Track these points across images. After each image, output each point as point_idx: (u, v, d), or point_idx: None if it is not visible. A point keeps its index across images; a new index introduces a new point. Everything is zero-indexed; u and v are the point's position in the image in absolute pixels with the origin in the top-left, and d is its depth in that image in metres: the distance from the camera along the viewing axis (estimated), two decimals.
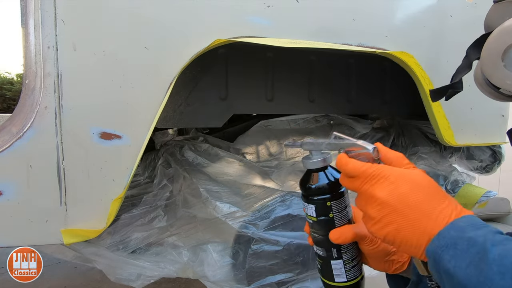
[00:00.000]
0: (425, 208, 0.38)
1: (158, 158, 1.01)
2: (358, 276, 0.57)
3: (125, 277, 0.80)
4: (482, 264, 0.32)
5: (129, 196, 0.93)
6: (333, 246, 0.55)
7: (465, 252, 0.34)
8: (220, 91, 0.93)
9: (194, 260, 0.86)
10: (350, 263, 0.56)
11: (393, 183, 0.40)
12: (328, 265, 0.56)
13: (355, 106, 1.09)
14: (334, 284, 0.57)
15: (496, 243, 0.33)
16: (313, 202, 0.54)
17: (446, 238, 0.36)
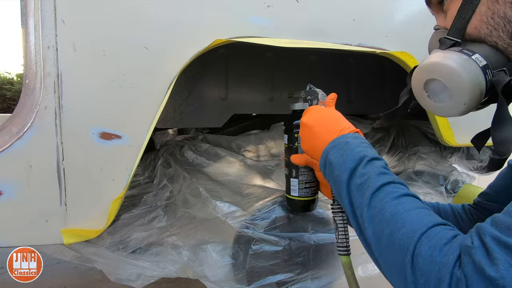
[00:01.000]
0: (330, 126, 0.58)
1: (158, 158, 1.01)
2: (308, 196, 0.78)
3: (125, 277, 0.80)
4: (346, 154, 0.51)
5: (129, 196, 0.93)
6: (293, 167, 0.77)
7: (340, 149, 0.53)
8: (220, 91, 0.93)
9: (194, 260, 0.86)
10: (303, 184, 0.77)
11: (312, 112, 0.62)
12: (288, 182, 0.79)
13: (355, 106, 1.09)
14: (290, 196, 0.80)
15: (359, 145, 0.52)
16: (288, 133, 0.78)
17: (335, 142, 0.54)
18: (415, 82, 0.51)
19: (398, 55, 0.78)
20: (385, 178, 0.46)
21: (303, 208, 0.81)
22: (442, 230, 0.38)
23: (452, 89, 0.45)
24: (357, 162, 0.49)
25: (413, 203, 0.43)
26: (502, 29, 0.43)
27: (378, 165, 0.49)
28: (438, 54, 0.47)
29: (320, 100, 0.69)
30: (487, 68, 0.44)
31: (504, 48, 0.44)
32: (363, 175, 0.48)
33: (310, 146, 0.61)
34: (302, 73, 1.02)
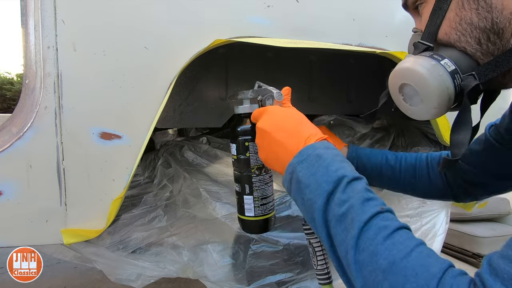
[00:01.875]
0: (292, 132, 0.49)
1: (158, 158, 1.01)
2: (265, 214, 0.64)
3: (125, 277, 0.80)
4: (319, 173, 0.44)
5: (129, 196, 0.93)
6: (246, 183, 0.63)
7: (312, 165, 0.45)
8: (220, 91, 0.93)
9: (194, 260, 0.86)
10: (259, 201, 0.63)
11: (270, 114, 0.53)
12: (241, 200, 0.65)
13: (355, 106, 1.09)
14: (244, 217, 0.65)
15: (334, 161, 0.44)
16: (236, 142, 0.64)
17: (303, 155, 0.46)
18: (391, 86, 0.52)
19: (398, 55, 0.78)
20: (371, 207, 0.39)
21: (261, 229, 0.67)
22: (455, 282, 0.32)
23: (422, 94, 0.46)
24: (334, 184, 0.42)
25: (408, 240, 0.37)
26: (469, 35, 0.44)
27: (360, 187, 0.42)
28: (410, 59, 0.48)
29: (276, 100, 0.58)
30: (456, 72, 0.44)
31: (472, 53, 0.45)
32: (344, 203, 0.40)
33: (270, 156, 0.52)
34: (302, 73, 1.02)
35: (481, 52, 0.44)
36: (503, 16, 0.41)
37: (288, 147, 0.48)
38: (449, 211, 1.07)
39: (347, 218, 0.39)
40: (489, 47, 0.43)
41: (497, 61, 0.43)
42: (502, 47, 0.42)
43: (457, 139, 0.47)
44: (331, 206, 0.41)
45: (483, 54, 0.44)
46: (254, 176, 0.64)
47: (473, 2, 0.43)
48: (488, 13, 0.42)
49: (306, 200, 0.44)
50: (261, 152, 0.54)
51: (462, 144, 0.46)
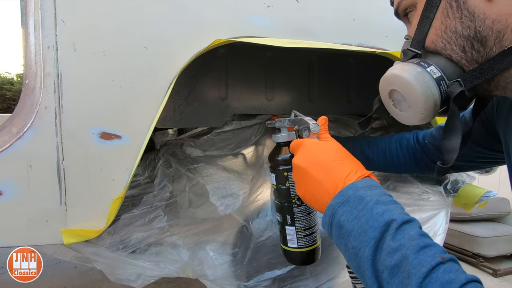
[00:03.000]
0: (330, 168, 0.47)
1: (158, 158, 1.00)
2: (309, 245, 0.62)
3: (125, 277, 0.80)
4: (363, 217, 0.40)
5: (129, 196, 0.92)
6: (287, 213, 0.62)
7: (354, 208, 0.41)
8: (220, 91, 0.93)
9: (193, 258, 0.86)
10: (302, 231, 0.61)
11: (306, 149, 0.51)
12: (283, 230, 0.63)
13: (355, 106, 1.09)
14: (287, 248, 0.64)
15: (379, 203, 0.41)
16: (275, 171, 0.63)
17: (344, 196, 0.43)
18: (382, 91, 0.54)
19: (398, 55, 0.78)
20: (428, 256, 0.34)
21: (305, 261, 0.64)
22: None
23: (409, 100, 0.47)
24: (382, 230, 0.38)
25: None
26: (454, 43, 0.45)
27: (413, 233, 0.37)
28: (398, 65, 0.49)
29: (312, 132, 0.55)
30: (442, 79, 0.46)
31: (458, 61, 0.46)
32: (395, 251, 0.36)
33: (308, 194, 0.49)
34: (302, 73, 1.02)
35: (466, 59, 0.45)
36: (485, 25, 0.42)
37: (326, 186, 0.46)
38: (449, 211, 1.07)
39: (401, 270, 0.35)
40: (473, 55, 0.44)
41: (481, 68, 0.44)
42: (486, 55, 0.43)
43: (449, 144, 0.48)
44: (381, 256, 0.37)
45: (468, 62, 0.45)
46: (295, 207, 0.61)
47: (457, 11, 0.44)
48: (471, 22, 0.43)
49: (351, 248, 0.40)
50: (299, 188, 0.51)
51: (453, 150, 0.47)
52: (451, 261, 0.35)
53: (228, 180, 0.95)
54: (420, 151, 0.79)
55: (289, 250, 0.64)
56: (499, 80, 0.45)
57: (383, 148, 0.84)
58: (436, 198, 1.02)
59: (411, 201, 1.02)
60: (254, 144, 1.03)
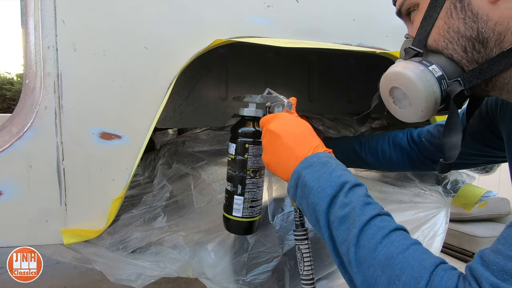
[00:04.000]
0: (302, 140, 0.53)
1: (158, 158, 1.01)
2: (252, 216, 0.68)
3: (125, 277, 0.80)
4: (323, 178, 0.47)
5: (129, 196, 0.93)
6: (240, 183, 0.66)
7: (317, 171, 0.49)
8: (220, 91, 0.93)
9: (193, 257, 0.86)
10: (249, 203, 0.66)
11: (282, 120, 0.56)
12: (231, 199, 0.67)
13: (355, 106, 1.09)
14: (230, 217, 0.68)
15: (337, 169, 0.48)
16: (235, 142, 0.66)
17: (308, 162, 0.50)
18: (382, 89, 0.55)
19: (398, 55, 0.78)
20: (371, 209, 0.43)
21: (246, 231, 0.69)
22: (445, 274, 0.35)
23: (410, 97, 0.48)
24: (337, 189, 0.46)
25: (406, 239, 0.40)
26: (456, 43, 0.46)
27: (361, 193, 0.45)
28: (400, 63, 0.50)
29: (286, 108, 0.61)
30: (443, 78, 0.47)
31: (459, 60, 0.47)
32: (346, 205, 0.44)
33: (275, 160, 0.55)
34: (302, 73, 1.02)
35: (467, 59, 0.46)
36: (487, 26, 0.43)
37: (297, 153, 0.52)
38: (449, 211, 1.07)
39: (349, 219, 0.43)
40: (474, 55, 0.45)
41: (481, 68, 0.45)
42: (486, 56, 0.44)
43: (450, 142, 0.49)
44: (334, 209, 0.45)
45: (468, 62, 0.46)
46: (248, 178, 0.66)
47: (461, 12, 0.44)
48: (474, 23, 0.43)
49: (311, 204, 0.48)
50: (266, 154, 0.57)
51: (455, 147, 0.48)
52: (386, 215, 0.44)
53: None
54: (415, 149, 0.80)
55: (232, 218, 0.68)
56: (497, 81, 0.45)
57: (375, 147, 0.85)
58: (436, 198, 1.02)
59: (408, 198, 1.02)
60: None
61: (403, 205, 1.00)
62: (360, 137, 0.92)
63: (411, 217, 0.98)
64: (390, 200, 1.00)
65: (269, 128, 0.56)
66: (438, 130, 0.75)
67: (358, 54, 0.97)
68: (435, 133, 0.75)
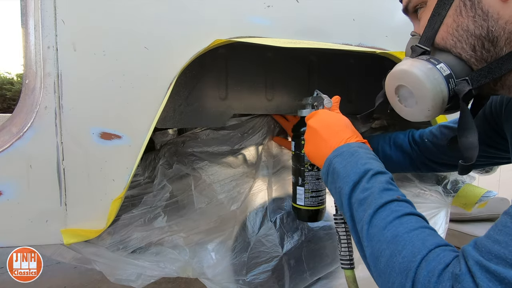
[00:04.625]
0: (337, 132, 0.58)
1: (158, 158, 1.00)
2: (314, 205, 0.76)
3: (125, 277, 0.80)
4: (349, 165, 0.52)
5: (129, 196, 0.92)
6: (300, 175, 0.76)
7: (345, 159, 0.53)
8: (220, 91, 0.93)
9: (193, 257, 0.86)
10: (309, 193, 0.75)
11: (320, 116, 0.63)
12: (295, 190, 0.78)
13: (355, 106, 1.09)
14: (296, 205, 0.78)
15: (364, 157, 0.52)
16: (295, 139, 0.76)
17: (339, 151, 0.55)
18: (388, 87, 0.54)
19: (398, 55, 0.78)
20: (389, 195, 0.46)
21: (309, 218, 0.78)
22: (443, 252, 0.38)
23: (417, 96, 0.48)
24: (360, 175, 0.50)
25: (417, 222, 0.42)
26: (465, 41, 0.45)
27: (382, 180, 0.49)
28: (407, 61, 0.49)
29: (326, 106, 0.68)
30: (450, 77, 0.46)
31: (467, 59, 0.46)
32: (366, 190, 0.48)
33: (313, 150, 0.61)
34: (302, 73, 1.02)
35: (475, 58, 0.45)
36: (498, 25, 0.42)
37: (330, 143, 0.57)
38: (449, 211, 1.07)
39: (366, 201, 0.47)
40: (483, 54, 0.44)
41: (489, 67, 0.44)
42: (495, 55, 0.43)
43: (467, 142, 0.48)
44: (356, 193, 0.49)
45: (477, 61, 0.45)
46: (307, 171, 0.75)
47: (471, 10, 0.44)
48: (484, 21, 0.43)
49: (337, 188, 0.52)
50: (307, 146, 0.63)
51: (473, 147, 0.48)
52: (405, 201, 0.46)
53: (233, 176, 0.96)
54: (416, 150, 0.79)
55: (297, 207, 0.78)
56: (506, 80, 0.45)
57: (376, 147, 0.85)
58: (436, 198, 1.02)
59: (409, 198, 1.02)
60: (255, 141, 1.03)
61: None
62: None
63: None
64: None
65: (309, 123, 0.63)
66: (441, 131, 0.75)
67: (358, 54, 0.97)
68: (438, 134, 0.74)
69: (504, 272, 0.32)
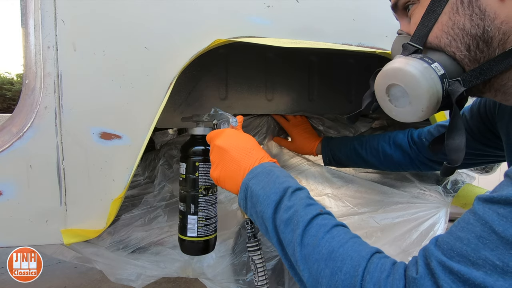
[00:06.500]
0: (249, 153, 0.55)
1: (158, 158, 1.01)
2: (207, 235, 0.68)
3: (125, 277, 0.80)
4: (268, 186, 0.50)
5: (129, 196, 0.93)
6: (192, 202, 0.67)
7: (262, 180, 0.51)
8: (220, 91, 0.93)
9: (192, 257, 0.86)
10: (203, 221, 0.67)
11: (229, 135, 0.59)
12: (185, 219, 0.67)
13: (355, 106, 1.09)
14: (186, 238, 0.68)
15: (280, 176, 0.51)
16: (186, 161, 0.68)
17: (254, 172, 0.52)
18: (378, 86, 0.51)
19: None
20: (312, 210, 0.45)
21: (202, 251, 0.69)
22: (379, 260, 0.38)
23: (412, 96, 0.46)
24: (281, 194, 0.48)
25: (346, 234, 0.43)
26: (460, 41, 0.43)
27: (302, 195, 0.48)
28: (400, 60, 0.47)
29: (232, 125, 0.64)
30: (445, 77, 0.45)
31: (461, 59, 0.45)
32: (290, 208, 0.46)
33: (224, 174, 0.56)
34: (302, 73, 1.02)
35: (469, 58, 0.44)
36: (494, 25, 0.41)
37: (243, 165, 0.54)
38: (449, 210, 1.07)
39: (292, 220, 0.45)
40: (476, 54, 0.43)
41: (481, 68, 0.43)
42: (488, 56, 0.43)
43: (453, 144, 0.47)
44: (279, 213, 0.47)
45: (470, 61, 0.44)
46: (201, 196, 0.67)
47: (468, 8, 0.42)
48: (481, 20, 0.41)
49: (259, 212, 0.50)
50: (215, 169, 0.58)
51: (459, 149, 0.47)
52: (327, 214, 0.46)
53: None
54: (415, 149, 0.80)
55: (187, 239, 0.68)
56: (494, 83, 0.44)
57: (376, 147, 0.85)
58: (435, 198, 1.02)
59: (406, 199, 1.02)
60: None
61: (402, 205, 1.00)
62: (360, 137, 0.92)
63: (410, 216, 0.98)
64: (388, 201, 1.00)
65: (216, 143, 0.58)
66: (438, 130, 0.75)
67: (358, 54, 0.97)
68: (435, 134, 0.75)
69: (468, 272, 0.31)
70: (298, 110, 1.04)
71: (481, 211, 0.34)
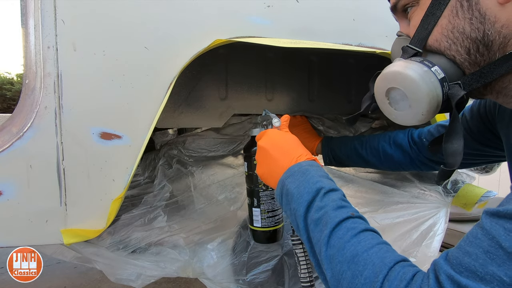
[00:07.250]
0: (287, 151, 0.58)
1: (158, 158, 1.01)
2: (271, 226, 0.74)
3: (125, 277, 0.80)
4: (302, 186, 0.51)
5: (129, 196, 0.93)
6: (255, 196, 0.73)
7: (297, 179, 0.53)
8: (220, 91, 0.94)
9: (193, 257, 0.86)
10: (265, 213, 0.73)
11: (269, 135, 0.62)
12: (251, 211, 0.75)
13: (355, 106, 1.09)
14: (252, 227, 0.76)
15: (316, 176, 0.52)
16: (247, 160, 0.74)
17: (291, 171, 0.54)
18: (377, 89, 0.51)
19: None
20: (343, 213, 0.46)
21: (268, 239, 0.76)
22: (402, 269, 0.38)
23: (412, 99, 0.46)
24: (313, 194, 0.49)
25: (373, 239, 0.43)
26: (460, 44, 0.43)
27: (335, 197, 0.49)
28: (400, 63, 0.47)
29: (274, 126, 0.68)
30: (445, 80, 0.44)
31: (461, 62, 0.44)
32: (320, 209, 0.47)
33: (266, 171, 0.60)
34: (302, 73, 1.02)
35: (469, 62, 0.44)
36: (494, 28, 0.41)
37: (281, 163, 0.56)
38: (449, 210, 1.07)
39: (322, 221, 0.46)
40: (477, 58, 0.43)
41: (482, 72, 0.43)
42: (489, 59, 0.42)
43: (451, 147, 0.47)
44: (310, 213, 0.48)
45: (470, 64, 0.44)
46: (261, 191, 0.73)
47: (468, 12, 0.42)
48: (481, 24, 0.41)
49: (292, 210, 0.51)
50: (259, 167, 0.62)
51: (457, 153, 0.46)
52: (359, 218, 0.47)
53: (233, 177, 0.96)
54: (415, 149, 0.80)
55: (254, 229, 0.75)
56: (495, 85, 0.44)
57: (376, 146, 0.85)
58: (435, 198, 1.02)
59: (406, 199, 1.02)
60: None
61: (402, 205, 1.00)
62: (361, 136, 0.92)
63: (410, 216, 0.98)
64: (388, 201, 1.00)
65: (259, 143, 0.62)
66: (438, 130, 0.75)
67: (358, 54, 0.97)
68: (435, 134, 0.75)
69: (475, 287, 0.31)
70: (298, 110, 1.04)
71: (488, 225, 0.34)
